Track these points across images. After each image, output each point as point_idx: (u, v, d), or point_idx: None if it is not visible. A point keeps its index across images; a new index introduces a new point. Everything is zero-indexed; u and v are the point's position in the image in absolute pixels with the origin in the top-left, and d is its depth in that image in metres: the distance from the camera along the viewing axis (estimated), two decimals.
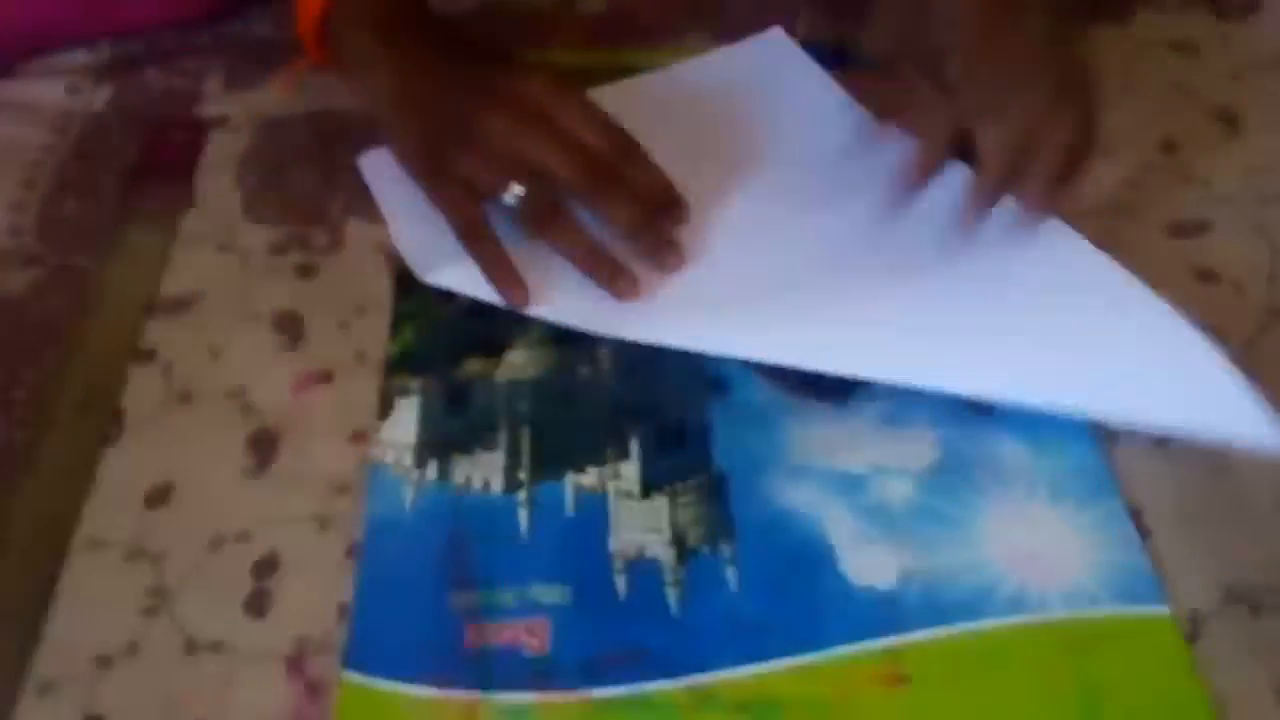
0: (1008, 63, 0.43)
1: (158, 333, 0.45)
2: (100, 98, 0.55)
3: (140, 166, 0.52)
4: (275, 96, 0.55)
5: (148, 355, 0.44)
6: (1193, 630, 0.35)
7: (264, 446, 0.41)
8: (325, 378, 0.44)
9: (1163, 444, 0.40)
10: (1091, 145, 0.43)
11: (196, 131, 0.54)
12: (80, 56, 0.57)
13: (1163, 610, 0.36)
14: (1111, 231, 0.47)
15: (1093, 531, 0.38)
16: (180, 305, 0.46)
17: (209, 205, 0.50)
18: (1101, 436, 0.40)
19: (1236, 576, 0.37)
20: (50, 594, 0.37)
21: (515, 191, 0.44)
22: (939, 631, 0.35)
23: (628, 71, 0.55)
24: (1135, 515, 0.38)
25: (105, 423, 0.42)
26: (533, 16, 0.59)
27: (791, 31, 0.57)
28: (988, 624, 0.35)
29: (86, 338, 0.45)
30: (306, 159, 0.52)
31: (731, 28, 0.58)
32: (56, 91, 0.55)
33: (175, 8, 0.57)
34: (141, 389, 0.43)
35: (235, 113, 0.55)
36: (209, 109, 0.55)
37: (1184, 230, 0.48)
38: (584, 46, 0.58)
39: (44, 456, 0.41)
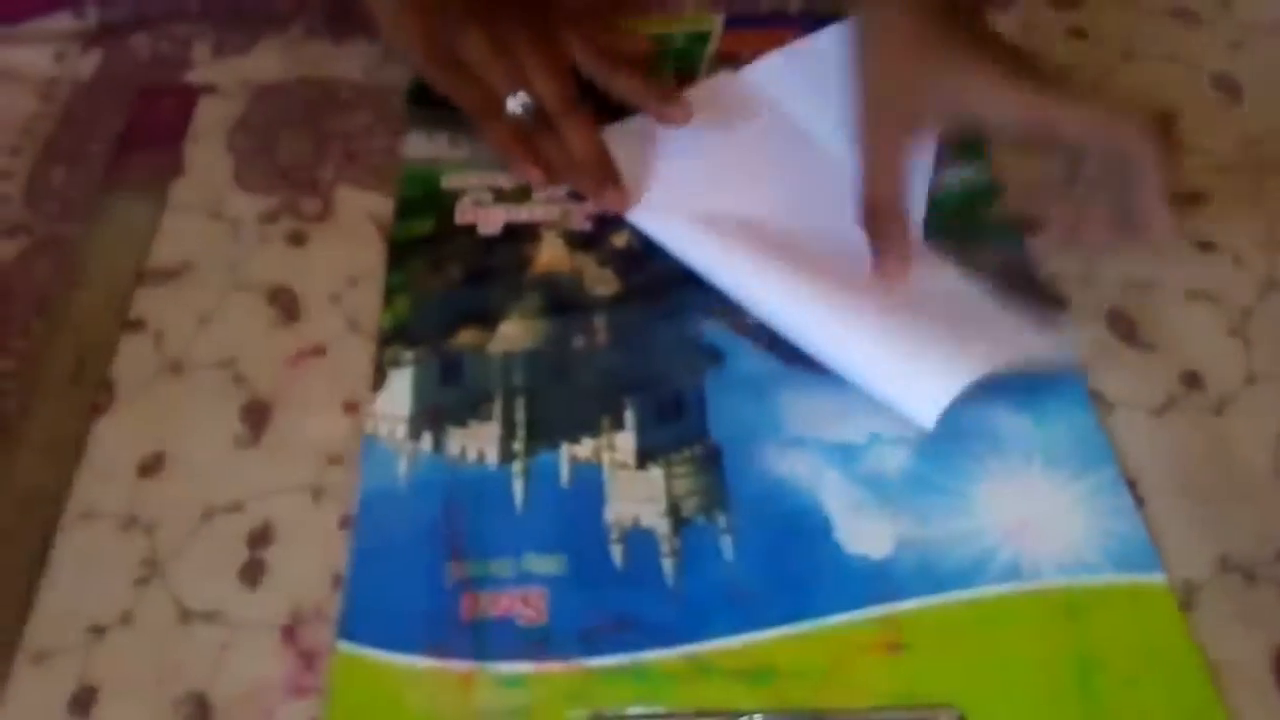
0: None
1: (148, 302, 0.45)
2: (88, 65, 0.54)
3: (129, 134, 0.51)
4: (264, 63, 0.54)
5: (138, 325, 0.44)
6: (1187, 598, 0.35)
7: (256, 416, 0.41)
8: (318, 347, 0.43)
9: (1159, 413, 0.40)
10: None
11: (185, 99, 0.53)
12: (67, 22, 0.56)
13: (1158, 578, 0.36)
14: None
15: (1088, 500, 0.38)
16: (170, 274, 0.46)
17: (198, 173, 0.50)
18: (1098, 406, 0.40)
19: (1231, 545, 0.37)
20: (43, 564, 0.37)
21: (522, 99, 0.47)
22: (934, 600, 0.35)
23: None
24: (1131, 484, 0.38)
25: (96, 393, 0.42)
26: None
27: (786, 3, 0.57)
28: (983, 592, 0.35)
29: (76, 307, 0.45)
30: (296, 126, 0.51)
31: None
32: (44, 58, 0.55)
33: None
34: (132, 359, 0.43)
35: (224, 80, 0.54)
36: (198, 76, 0.54)
37: (1183, 200, 0.47)
38: (583, 13, 0.57)
39: (35, 427, 0.41)
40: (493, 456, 0.40)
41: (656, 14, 0.56)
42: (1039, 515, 0.37)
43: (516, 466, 0.39)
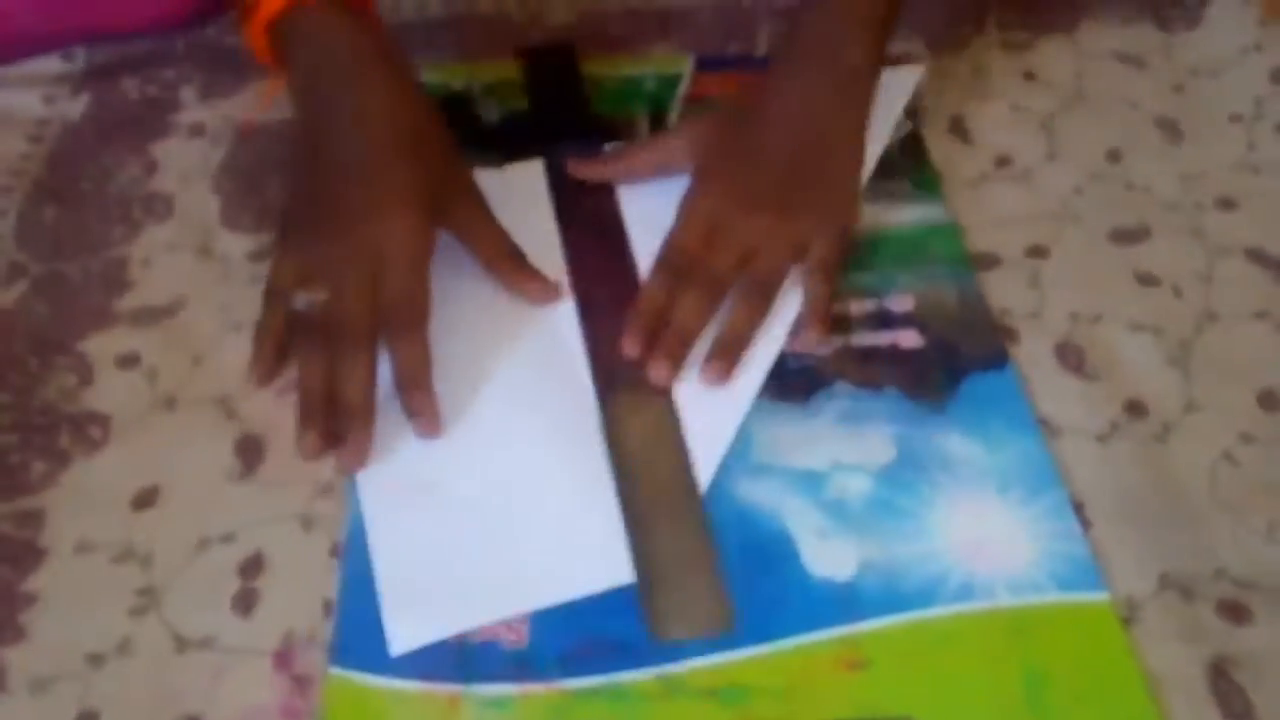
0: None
1: (140, 339, 0.46)
2: (77, 107, 0.56)
3: (119, 175, 0.53)
4: (251, 110, 0.56)
5: (131, 361, 0.46)
6: (1129, 615, 0.38)
7: (249, 451, 0.43)
8: None
9: (1104, 440, 0.43)
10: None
11: (175, 140, 0.55)
12: (56, 66, 0.57)
13: (1101, 597, 0.38)
14: (1057, 237, 0.50)
15: (1037, 523, 0.40)
16: (162, 312, 0.47)
17: (187, 213, 0.51)
18: (1047, 433, 0.42)
19: (1170, 565, 0.39)
20: (39, 595, 0.39)
21: (311, 296, 0.43)
22: (894, 619, 0.38)
23: (591, 80, 0.57)
24: (1077, 508, 0.40)
25: (91, 428, 0.43)
26: (501, 25, 0.61)
27: (753, 47, 0.59)
28: (939, 611, 0.38)
29: (69, 343, 0.46)
30: (283, 167, 0.53)
31: (697, 41, 0.59)
32: (33, 101, 0.56)
33: (151, 8, 0.58)
34: (126, 395, 0.44)
35: (212, 121, 0.56)
36: (185, 118, 0.56)
37: (1126, 236, 0.50)
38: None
39: (31, 462, 0.42)
40: None
41: (625, 56, 0.59)
42: (991, 538, 0.40)
43: None
